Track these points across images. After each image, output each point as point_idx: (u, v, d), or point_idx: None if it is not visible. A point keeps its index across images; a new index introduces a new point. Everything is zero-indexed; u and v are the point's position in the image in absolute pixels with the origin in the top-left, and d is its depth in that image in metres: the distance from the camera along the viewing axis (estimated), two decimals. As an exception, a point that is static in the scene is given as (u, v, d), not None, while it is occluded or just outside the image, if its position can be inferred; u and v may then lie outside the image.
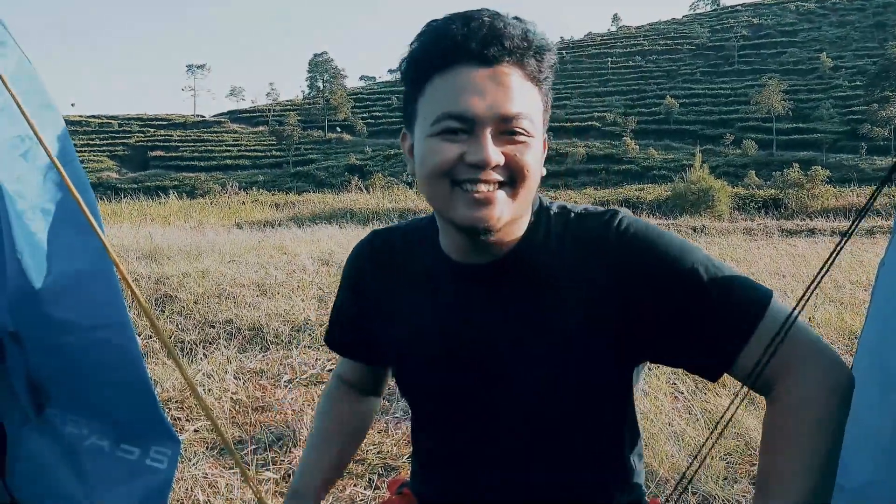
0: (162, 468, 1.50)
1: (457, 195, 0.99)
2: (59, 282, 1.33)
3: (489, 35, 0.96)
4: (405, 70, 1.04)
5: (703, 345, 1.01)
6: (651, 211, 26.27)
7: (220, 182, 57.15)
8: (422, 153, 1.01)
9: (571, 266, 1.06)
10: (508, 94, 0.97)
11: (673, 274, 1.00)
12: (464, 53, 0.97)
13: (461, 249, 1.10)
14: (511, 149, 0.98)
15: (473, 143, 0.97)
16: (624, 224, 1.05)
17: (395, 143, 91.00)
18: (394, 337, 1.21)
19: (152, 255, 8.02)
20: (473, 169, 0.97)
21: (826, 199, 30.71)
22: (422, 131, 1.01)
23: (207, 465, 2.87)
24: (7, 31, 1.27)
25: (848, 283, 7.21)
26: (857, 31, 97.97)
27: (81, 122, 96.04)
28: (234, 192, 37.78)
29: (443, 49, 0.98)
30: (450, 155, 0.98)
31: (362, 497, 2.66)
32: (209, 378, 3.94)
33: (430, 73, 1.00)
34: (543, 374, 1.08)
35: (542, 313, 1.07)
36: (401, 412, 3.49)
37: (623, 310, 1.03)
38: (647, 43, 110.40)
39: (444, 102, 0.98)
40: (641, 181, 50.36)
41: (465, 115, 0.96)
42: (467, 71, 0.97)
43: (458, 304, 1.12)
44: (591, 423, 1.14)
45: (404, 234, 1.25)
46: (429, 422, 1.26)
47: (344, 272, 1.32)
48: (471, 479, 1.19)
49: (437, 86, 0.99)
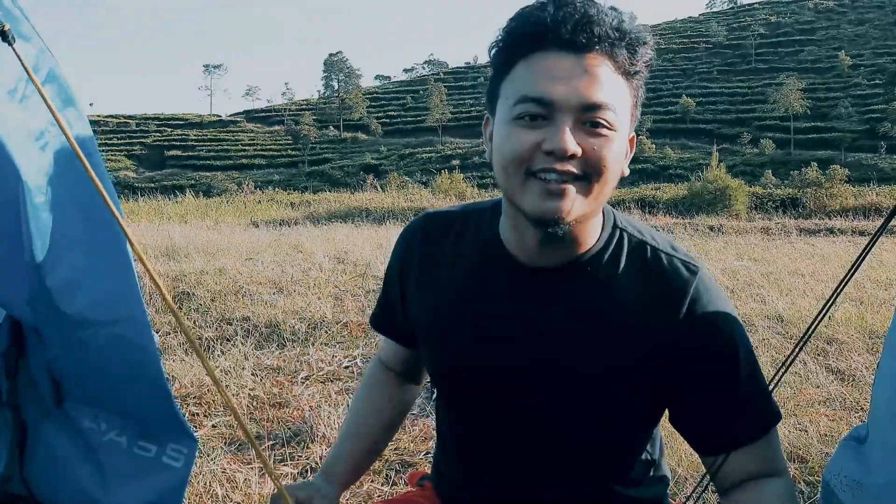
0: (178, 466, 1.49)
1: (530, 184, 0.96)
2: (75, 276, 1.32)
3: (581, 21, 0.92)
4: (493, 54, 1.01)
5: (715, 426, 1.07)
6: (668, 210, 26.10)
7: (236, 181, 57.57)
8: (499, 139, 0.98)
9: (637, 306, 1.05)
10: (594, 83, 0.93)
11: (722, 358, 1.04)
12: (552, 38, 0.93)
13: (527, 247, 1.06)
14: (591, 141, 0.94)
15: (551, 130, 0.93)
16: (700, 291, 1.04)
17: (410, 142, 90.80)
18: (433, 316, 1.19)
19: (170, 252, 8.07)
20: (549, 157, 0.93)
21: (845, 199, 30.38)
22: (502, 115, 0.98)
23: (226, 461, 2.88)
24: (30, 23, 1.27)
25: (868, 282, 7.14)
26: (877, 29, 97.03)
27: (99, 122, 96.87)
28: (250, 191, 37.94)
29: (531, 32, 0.95)
30: (526, 142, 0.94)
31: (380, 493, 2.66)
32: (227, 374, 3.95)
33: (516, 56, 0.97)
34: (581, 388, 1.07)
35: (594, 335, 1.05)
36: (418, 409, 3.49)
37: (666, 366, 1.05)
38: (663, 41, 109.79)
39: (526, 86, 0.94)
40: (658, 180, 50.11)
41: (544, 99, 0.93)
42: (554, 56, 0.94)
43: (507, 298, 1.10)
44: (618, 427, 1.14)
45: (462, 218, 1.21)
46: (454, 409, 1.25)
47: (393, 251, 1.29)
48: (491, 469, 1.19)
49: (522, 70, 0.96)
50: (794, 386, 3.87)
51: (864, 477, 1.42)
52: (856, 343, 4.78)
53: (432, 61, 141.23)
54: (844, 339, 4.86)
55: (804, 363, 4.27)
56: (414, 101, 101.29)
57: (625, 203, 28.65)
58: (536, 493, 1.16)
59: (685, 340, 1.02)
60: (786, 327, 5.27)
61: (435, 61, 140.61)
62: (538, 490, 1.15)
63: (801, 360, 4.34)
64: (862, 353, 4.57)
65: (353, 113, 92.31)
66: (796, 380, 3.97)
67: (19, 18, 1.24)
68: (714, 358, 1.03)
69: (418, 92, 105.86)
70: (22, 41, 1.22)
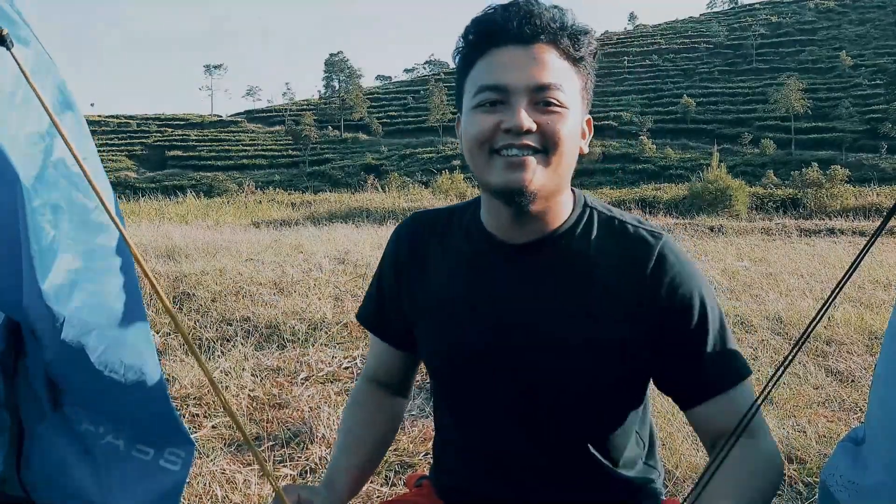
0: (175, 470, 1.49)
1: (494, 161, 1.07)
2: (72, 279, 1.32)
3: (524, 15, 1.06)
4: (456, 59, 1.14)
5: (688, 379, 1.14)
6: (668, 210, 26.08)
7: (237, 181, 57.59)
8: (465, 126, 1.11)
9: (608, 271, 1.13)
10: (542, 67, 1.05)
11: (690, 316, 1.12)
12: (502, 35, 1.06)
13: (503, 224, 1.16)
14: (545, 118, 1.05)
15: (508, 112, 1.05)
16: (664, 252, 1.12)
17: (411, 142, 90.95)
18: (425, 305, 1.25)
19: (170, 253, 8.07)
20: (509, 135, 1.05)
21: (845, 199, 30.35)
22: (466, 107, 1.11)
23: (225, 461, 2.88)
24: (28, 27, 1.27)
25: (868, 283, 7.14)
26: (878, 29, 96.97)
27: (100, 122, 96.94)
28: (251, 191, 37.96)
29: (484, 33, 1.08)
30: (487, 124, 1.06)
31: (379, 494, 2.66)
32: (227, 375, 3.96)
33: (474, 56, 1.10)
34: (569, 359, 1.12)
35: (575, 302, 1.13)
36: (417, 410, 3.50)
37: (640, 322, 1.12)
38: (663, 41, 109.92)
39: (483, 77, 1.07)
40: (658, 180, 50.12)
41: (499, 86, 1.05)
42: (506, 50, 1.06)
43: (495, 277, 1.18)
44: (609, 419, 1.19)
45: (448, 214, 1.32)
46: (450, 396, 1.28)
47: (385, 250, 1.37)
48: (488, 453, 1.23)
49: (480, 66, 1.09)
50: (793, 387, 3.87)
51: (860, 478, 1.43)
52: (855, 344, 4.78)
53: (433, 61, 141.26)
54: (844, 340, 4.86)
55: (804, 364, 4.27)
56: (415, 101, 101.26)
57: (625, 203, 28.66)
58: (530, 473, 1.20)
59: (653, 296, 1.11)
60: (785, 328, 5.28)
61: (436, 61, 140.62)
62: (532, 471, 1.20)
63: (801, 362, 4.34)
64: (862, 354, 4.57)
65: (354, 113, 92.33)
66: (795, 381, 3.97)
67: (18, 23, 1.25)
68: (680, 312, 1.11)
69: (419, 92, 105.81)
70: (20, 45, 1.22)
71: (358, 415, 1.39)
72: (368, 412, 1.39)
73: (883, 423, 1.36)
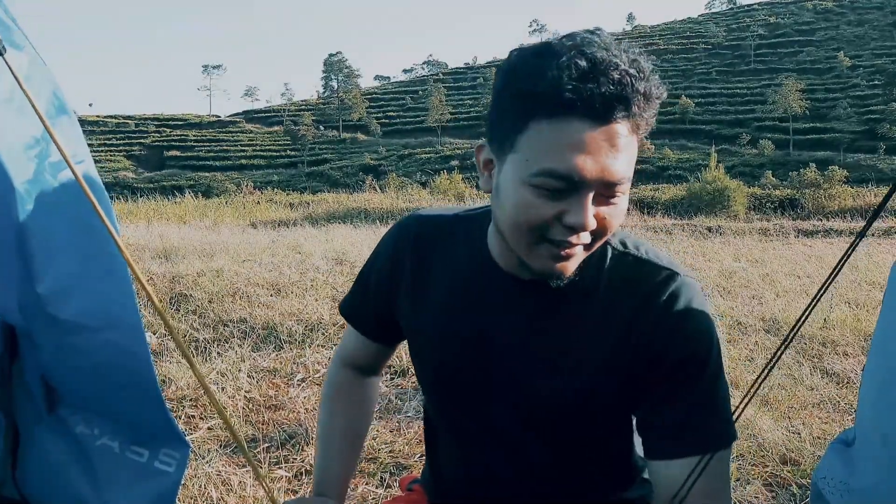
0: (170, 471, 1.50)
1: (541, 247, 0.96)
2: (67, 283, 1.33)
3: (615, 96, 0.88)
4: (512, 87, 0.93)
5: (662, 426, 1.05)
6: (666, 211, 26.10)
7: (235, 182, 57.51)
8: (514, 200, 0.94)
9: (613, 308, 1.06)
10: (618, 157, 0.91)
11: (684, 361, 1.04)
12: (581, 108, 0.87)
13: (513, 262, 1.07)
14: (605, 210, 0.94)
15: (574, 205, 0.92)
16: (676, 294, 1.05)
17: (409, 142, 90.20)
18: (424, 325, 1.19)
19: (167, 253, 8.07)
20: (568, 230, 0.93)
21: (843, 200, 30.40)
22: (517, 172, 0.93)
23: (221, 463, 2.89)
24: (22, 32, 1.28)
25: (864, 283, 7.16)
26: (876, 30, 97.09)
27: (98, 122, 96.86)
28: (249, 191, 37.90)
29: (559, 96, 0.87)
30: (546, 213, 0.93)
31: (374, 496, 2.67)
32: (223, 376, 3.96)
33: (538, 112, 0.90)
34: (559, 385, 1.09)
35: (579, 336, 1.08)
36: (413, 411, 3.50)
37: (638, 357, 1.05)
38: (662, 42, 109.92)
39: (550, 157, 0.90)
40: (657, 181, 50.07)
41: (572, 178, 0.90)
42: (580, 126, 0.88)
43: (495, 307, 1.12)
44: (598, 428, 1.16)
45: (452, 222, 1.21)
46: (445, 417, 1.27)
47: (381, 247, 1.27)
48: (479, 470, 1.22)
49: (545, 131, 0.90)
50: (789, 388, 3.88)
51: (851, 479, 1.44)
52: (851, 345, 4.80)
53: (432, 62, 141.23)
54: (840, 341, 4.87)
55: (799, 365, 4.29)
56: (413, 101, 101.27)
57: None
58: (525, 489, 1.19)
59: (655, 334, 1.04)
60: (781, 329, 5.28)
61: (434, 62, 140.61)
62: (526, 486, 1.18)
63: (796, 362, 4.35)
64: (857, 356, 4.58)
65: (353, 113, 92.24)
66: (790, 382, 3.98)
67: (11, 27, 1.25)
68: (676, 357, 1.04)
69: (417, 92, 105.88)
70: (14, 50, 1.23)
71: (337, 410, 1.38)
72: (350, 406, 1.38)
73: (873, 424, 1.37)
